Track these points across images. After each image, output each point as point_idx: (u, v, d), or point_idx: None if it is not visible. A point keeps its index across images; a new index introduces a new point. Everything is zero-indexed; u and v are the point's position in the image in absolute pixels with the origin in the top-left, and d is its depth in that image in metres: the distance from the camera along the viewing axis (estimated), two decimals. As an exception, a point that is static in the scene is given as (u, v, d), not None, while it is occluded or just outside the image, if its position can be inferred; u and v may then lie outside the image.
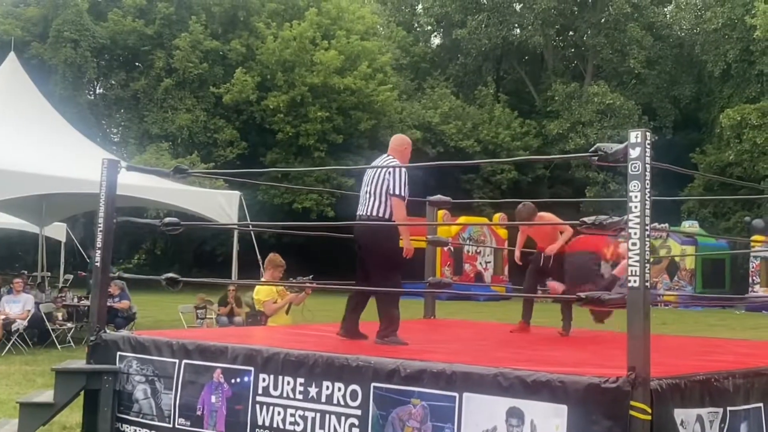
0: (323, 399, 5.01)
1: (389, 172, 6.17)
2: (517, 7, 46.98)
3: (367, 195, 6.28)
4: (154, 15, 37.13)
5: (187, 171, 6.97)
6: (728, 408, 4.50)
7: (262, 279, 9.91)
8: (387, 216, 6.20)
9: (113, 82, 39.12)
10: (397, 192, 6.15)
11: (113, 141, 37.34)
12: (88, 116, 34.40)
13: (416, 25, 53.89)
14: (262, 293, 9.29)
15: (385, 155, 6.49)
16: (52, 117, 16.93)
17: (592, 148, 4.52)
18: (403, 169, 6.23)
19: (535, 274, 7.60)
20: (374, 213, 6.24)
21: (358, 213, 6.38)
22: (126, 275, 7.79)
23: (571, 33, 49.89)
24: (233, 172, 23.50)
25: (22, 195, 13.79)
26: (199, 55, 36.45)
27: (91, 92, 39.43)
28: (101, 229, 6.24)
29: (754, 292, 28.83)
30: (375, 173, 6.27)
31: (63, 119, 17.48)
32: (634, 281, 4.13)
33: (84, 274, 21.27)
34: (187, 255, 37.30)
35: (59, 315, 14.46)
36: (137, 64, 38.85)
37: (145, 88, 37.10)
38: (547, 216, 7.43)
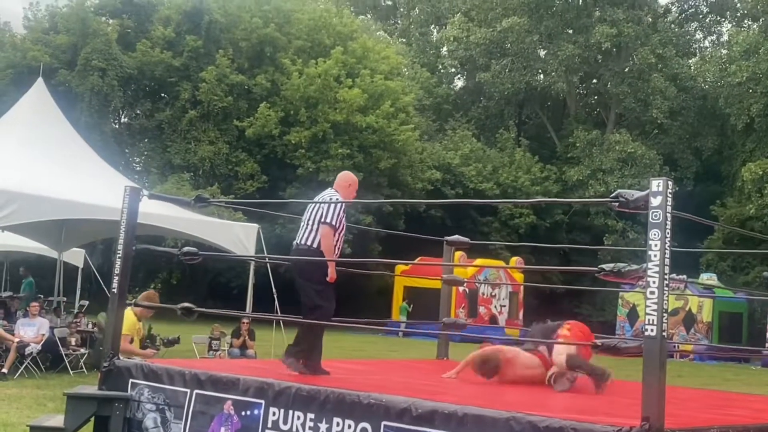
0: (333, 435, 4.99)
1: (325, 204, 6.41)
2: (542, 53, 47.24)
3: (303, 225, 6.51)
4: (182, 47, 37.54)
5: (208, 200, 7.01)
6: (742, 463, 4.44)
7: (132, 308, 9.01)
8: (316, 245, 6.39)
9: (138, 111, 39.48)
10: (327, 220, 6.35)
11: (135, 170, 37.62)
12: (112, 144, 34.69)
13: (440, 66, 54.27)
14: (125, 325, 8.78)
15: (330, 189, 6.69)
16: (76, 143, 17.09)
17: (613, 194, 4.53)
18: (340, 203, 6.45)
19: None
20: (304, 242, 6.47)
21: (293, 243, 6.55)
22: (141, 303, 7.80)
23: (594, 81, 50.06)
24: (253, 201, 23.61)
25: (43, 219, 13.90)
26: (224, 89, 36.76)
27: (116, 121, 39.80)
28: (120, 255, 6.27)
29: (771, 348, 28.51)
30: (314, 206, 6.51)
31: (87, 146, 17.62)
32: (651, 330, 4.10)
33: (17, 297, 20.88)
34: (203, 286, 37.35)
35: (73, 340, 14.48)
36: (163, 94, 39.21)
37: (169, 119, 37.40)
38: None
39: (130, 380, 6.04)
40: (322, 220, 6.35)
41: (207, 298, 34.67)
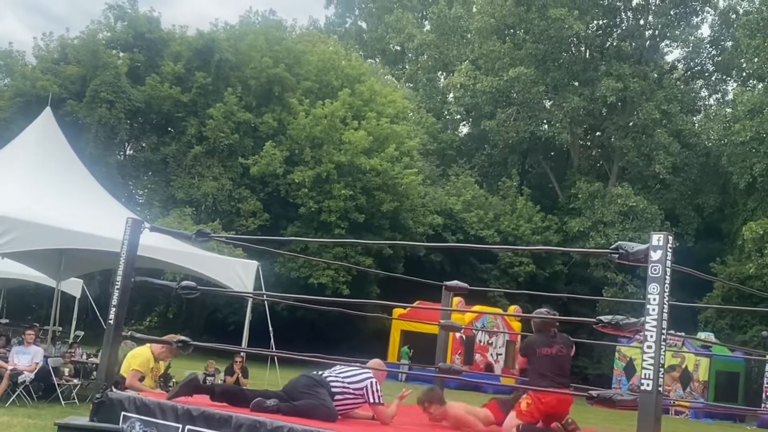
0: (324, 477, 4.94)
1: (372, 384, 6.39)
2: (547, 104, 47.61)
3: (341, 381, 6.38)
4: (191, 83, 37.75)
5: (209, 235, 7.00)
6: None
7: (150, 347, 8.79)
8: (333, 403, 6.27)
9: (144, 144, 39.61)
10: (382, 402, 6.45)
11: (138, 202, 37.61)
12: (116, 176, 34.75)
13: (446, 113, 54.70)
14: (137, 361, 8.56)
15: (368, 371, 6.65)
16: (80, 174, 17.11)
17: (614, 245, 4.53)
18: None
19: None
20: (341, 390, 6.33)
21: (323, 374, 6.45)
22: (137, 335, 7.74)
23: (598, 133, 50.38)
24: (254, 238, 23.59)
25: (43, 247, 13.89)
26: (231, 126, 36.91)
27: (121, 153, 39.93)
28: (118, 287, 6.26)
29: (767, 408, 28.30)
30: (351, 374, 6.50)
31: (91, 177, 17.64)
32: (647, 385, 4.09)
33: None
34: (199, 321, 37.23)
35: (66, 370, 14.39)
36: (169, 129, 39.36)
37: (174, 153, 37.50)
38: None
39: (122, 413, 5.99)
40: (372, 401, 6.39)
41: (203, 333, 34.54)
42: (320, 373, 6.46)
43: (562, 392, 6.36)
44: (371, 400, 6.36)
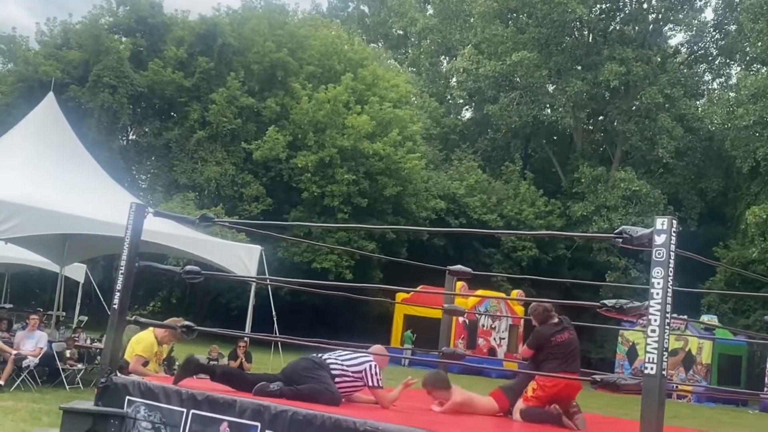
0: (328, 461, 4.96)
1: (371, 368, 6.42)
2: (550, 88, 47.48)
3: (340, 364, 6.39)
4: (193, 68, 37.71)
5: (213, 220, 7.01)
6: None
7: (154, 331, 8.77)
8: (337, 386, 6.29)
9: (147, 129, 39.59)
10: (382, 385, 6.51)
11: (141, 187, 37.62)
12: (119, 161, 34.75)
13: (449, 97, 54.54)
14: (141, 346, 8.58)
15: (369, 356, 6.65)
16: (83, 159, 17.11)
17: (618, 230, 4.53)
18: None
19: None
20: (341, 372, 6.34)
21: (323, 357, 6.46)
22: (142, 320, 7.75)
23: (601, 117, 50.24)
24: (257, 223, 23.59)
25: (47, 232, 13.91)
26: (234, 111, 36.87)
27: (124, 138, 39.91)
28: (123, 271, 6.27)
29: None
30: (351, 357, 6.51)
31: (94, 161, 17.65)
32: (651, 369, 4.09)
33: None
34: (202, 306, 37.28)
35: (68, 353, 14.44)
36: (172, 114, 39.33)
37: (177, 138, 37.49)
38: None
39: (127, 397, 6.02)
40: (371, 384, 6.43)
41: (206, 318, 34.61)
42: (320, 355, 6.48)
43: (566, 377, 6.36)
44: (370, 384, 6.39)
